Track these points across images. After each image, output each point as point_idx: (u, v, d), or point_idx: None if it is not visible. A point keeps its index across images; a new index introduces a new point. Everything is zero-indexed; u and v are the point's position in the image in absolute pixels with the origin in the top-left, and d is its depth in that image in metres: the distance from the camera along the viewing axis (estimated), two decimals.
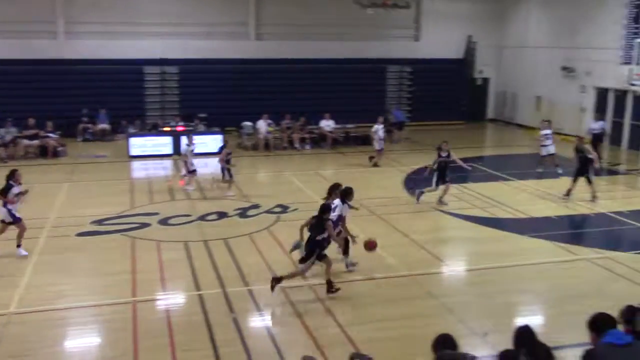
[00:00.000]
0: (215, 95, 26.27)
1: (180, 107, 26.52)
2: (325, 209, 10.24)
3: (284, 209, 15.16)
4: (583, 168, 15.79)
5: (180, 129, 22.57)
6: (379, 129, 20.65)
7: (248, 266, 11.27)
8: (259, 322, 9.32)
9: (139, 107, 26.27)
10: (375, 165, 20.41)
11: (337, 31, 28.18)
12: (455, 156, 15.83)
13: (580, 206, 15.55)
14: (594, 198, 15.73)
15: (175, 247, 12.36)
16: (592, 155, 15.98)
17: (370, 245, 10.77)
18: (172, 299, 10.10)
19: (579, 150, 16.05)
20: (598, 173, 16.87)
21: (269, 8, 27.91)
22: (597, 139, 20.92)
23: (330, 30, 28.02)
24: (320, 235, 9.97)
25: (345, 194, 11.01)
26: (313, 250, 9.92)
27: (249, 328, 9.14)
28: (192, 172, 17.21)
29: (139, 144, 22.01)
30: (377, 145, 20.55)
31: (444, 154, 15.47)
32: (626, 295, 8.36)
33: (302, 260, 10.10)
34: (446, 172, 15.46)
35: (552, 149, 19.08)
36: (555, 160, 19.14)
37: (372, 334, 8.70)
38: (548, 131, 19.14)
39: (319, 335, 8.63)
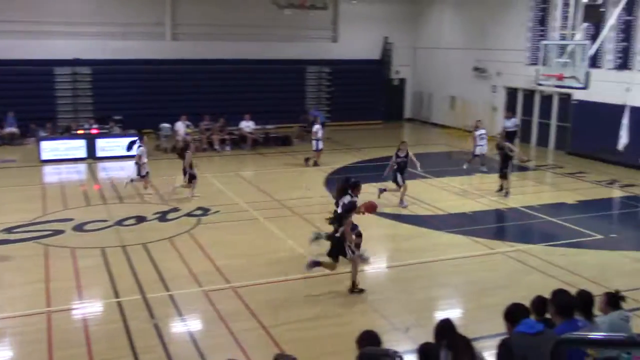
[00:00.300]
0: (130, 96, 25.56)
1: (94, 110, 25.64)
2: (352, 207, 10.31)
3: (205, 211, 14.94)
4: (504, 164, 16.50)
5: (94, 131, 21.87)
6: (318, 129, 20.69)
7: (169, 271, 11.03)
8: (181, 327, 9.13)
9: (50, 110, 25.19)
10: (315, 164, 20.48)
11: (256, 32, 28.05)
12: (413, 156, 15.99)
13: (494, 202, 16.12)
14: (506, 194, 16.36)
15: (91, 254, 11.94)
16: (513, 152, 16.77)
17: (370, 209, 10.84)
18: (89, 308, 9.74)
19: (500, 148, 16.77)
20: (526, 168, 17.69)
21: (185, 8, 27.44)
22: (510, 136, 21.73)
23: (248, 31, 27.85)
24: (340, 231, 10.15)
25: (354, 188, 11.02)
26: (339, 246, 10.11)
27: (171, 334, 8.95)
28: (144, 175, 16.53)
29: (50, 148, 21.11)
30: (314, 145, 20.60)
31: (402, 154, 15.61)
32: (539, 286, 8.71)
33: (330, 254, 10.20)
34: (404, 173, 15.59)
35: (485, 149, 19.66)
36: (483, 159, 19.74)
37: (295, 334, 8.70)
38: (483, 131, 19.70)
39: (243, 338, 8.55)
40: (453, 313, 9.52)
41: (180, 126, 22.95)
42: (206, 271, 11.00)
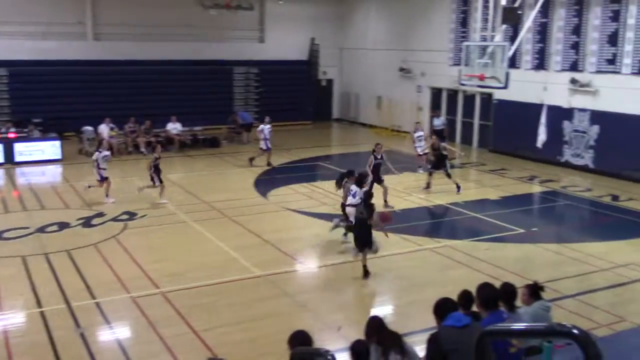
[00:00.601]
0: (51, 99, 24.64)
1: (11, 112, 24.57)
2: (370, 195, 11.32)
3: (132, 215, 14.59)
4: (439, 164, 17.01)
5: (12, 135, 20.97)
6: (264, 128, 20.58)
7: (94, 278, 10.71)
8: (109, 335, 8.88)
9: None
10: (269, 164, 20.44)
11: (181, 32, 27.61)
12: (387, 158, 16.12)
13: (421, 199, 16.47)
14: (458, 189, 16.82)
15: (11, 263, 11.45)
16: (447, 151, 17.37)
17: (384, 218, 11.64)
18: (10, 319, 9.32)
19: (435, 148, 17.27)
20: (452, 165, 18.26)
21: (107, 7, 26.66)
22: (438, 134, 22.22)
23: (173, 31, 27.39)
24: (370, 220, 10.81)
25: (361, 179, 12.24)
26: (368, 232, 10.84)
27: (99, 343, 8.69)
28: (104, 179, 15.98)
29: None
30: (262, 144, 20.48)
31: (378, 156, 15.69)
32: (465, 281, 8.94)
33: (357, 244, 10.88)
34: (380, 174, 15.59)
35: (424, 150, 19.87)
36: (421, 159, 20.02)
37: (227, 337, 8.62)
38: (421, 133, 19.96)
39: (174, 344, 8.40)
40: (384, 310, 9.69)
41: (104, 129, 22.31)
42: (134, 277, 10.75)
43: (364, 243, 10.82)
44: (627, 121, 18.55)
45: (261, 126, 20.76)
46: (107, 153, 16.40)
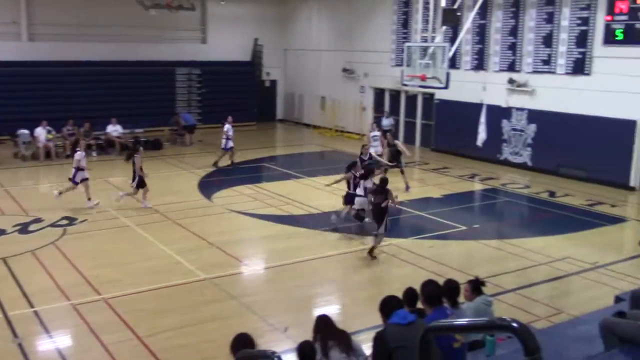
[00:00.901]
0: None
1: None
2: (386, 181, 12.24)
3: (71, 220, 14.19)
4: (394, 159, 17.37)
5: None
6: (229, 128, 20.59)
7: (32, 285, 10.36)
8: (48, 344, 8.60)
9: None
10: (233, 163, 20.59)
11: (121, 32, 27.05)
12: (376, 156, 16.56)
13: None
14: (407, 188, 17.05)
15: None
16: (401, 147, 17.70)
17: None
18: None
19: (390, 144, 17.73)
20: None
21: (42, 7, 25.88)
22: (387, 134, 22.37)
23: (113, 32, 26.81)
24: (385, 203, 11.68)
25: (367, 173, 13.49)
26: (383, 215, 11.67)
27: (38, 352, 8.41)
28: (82, 181, 15.49)
29: None
30: (224, 144, 20.50)
31: (365, 158, 15.95)
32: (410, 278, 9.07)
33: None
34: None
35: (379, 150, 19.81)
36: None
37: (172, 342, 8.48)
38: (376, 133, 19.99)
39: (117, 351, 8.21)
40: (330, 309, 9.70)
41: (41, 132, 21.64)
42: (74, 283, 10.46)
43: (380, 223, 11.83)
44: (562, 120, 19.19)
45: (226, 126, 20.74)
46: (83, 153, 15.82)
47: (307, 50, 30.48)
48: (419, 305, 6.01)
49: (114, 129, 23.17)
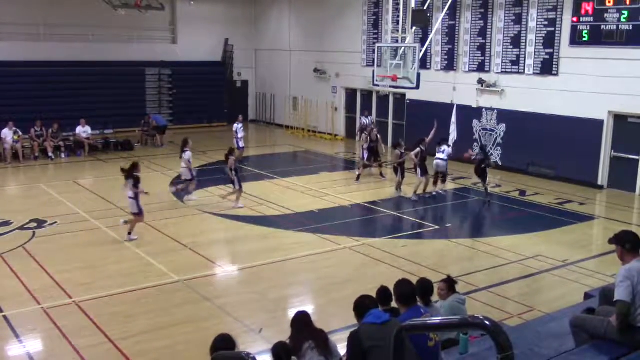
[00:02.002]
0: None
1: None
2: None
3: (41, 223, 13.97)
4: (375, 155, 18.67)
5: None
6: (238, 128, 21.13)
7: (1, 289, 10.18)
8: (18, 349, 8.44)
9: None
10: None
11: (89, 32, 26.74)
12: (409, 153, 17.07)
13: (338, 199, 16.64)
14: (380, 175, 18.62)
15: None
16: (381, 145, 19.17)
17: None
18: None
19: (373, 140, 18.81)
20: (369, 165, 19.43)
21: (8, 5, 25.36)
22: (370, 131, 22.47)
23: (80, 31, 26.47)
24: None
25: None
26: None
27: (7, 358, 8.26)
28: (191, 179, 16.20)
29: None
30: (237, 143, 20.91)
31: (423, 148, 16.88)
32: (384, 277, 9.12)
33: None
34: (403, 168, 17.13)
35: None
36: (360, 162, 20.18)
37: (145, 346, 8.40)
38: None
39: (90, 355, 8.11)
40: (305, 310, 9.69)
41: (7, 133, 21.27)
42: (45, 287, 10.30)
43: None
44: (531, 119, 19.48)
45: (235, 125, 21.36)
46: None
47: (279, 50, 30.45)
48: (393, 304, 6.05)
49: (83, 130, 22.87)
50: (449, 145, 17.40)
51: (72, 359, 8.06)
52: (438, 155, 17.14)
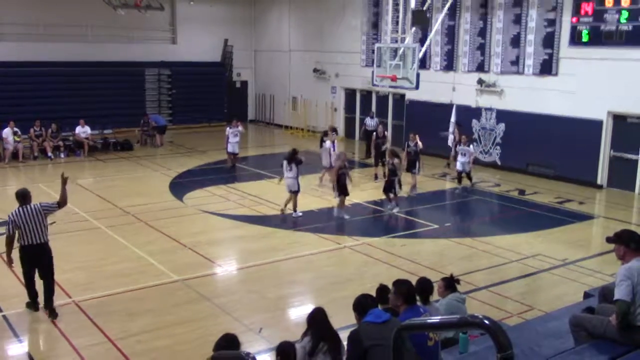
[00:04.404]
0: None
1: None
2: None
3: None
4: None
5: None
6: (230, 132, 20.71)
7: (1, 289, 10.18)
8: (18, 349, 8.42)
9: None
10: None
11: (89, 32, 26.76)
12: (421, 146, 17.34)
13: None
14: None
15: None
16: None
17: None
18: None
19: (379, 137, 18.99)
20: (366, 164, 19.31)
21: (8, 6, 25.33)
22: (369, 134, 22.31)
23: (81, 32, 26.49)
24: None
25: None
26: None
27: (7, 358, 8.25)
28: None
29: None
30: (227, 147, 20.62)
31: (412, 143, 16.91)
32: (384, 277, 9.13)
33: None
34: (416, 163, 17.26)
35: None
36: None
37: (145, 345, 8.40)
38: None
39: (89, 354, 8.11)
40: (305, 309, 9.69)
41: (8, 133, 21.28)
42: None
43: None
44: (530, 119, 19.49)
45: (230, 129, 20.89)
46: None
47: (278, 51, 30.45)
48: None
49: (83, 130, 22.86)
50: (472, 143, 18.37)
51: (72, 358, 8.06)
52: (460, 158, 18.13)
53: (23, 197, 9.17)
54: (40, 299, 9.29)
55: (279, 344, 5.53)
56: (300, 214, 14.82)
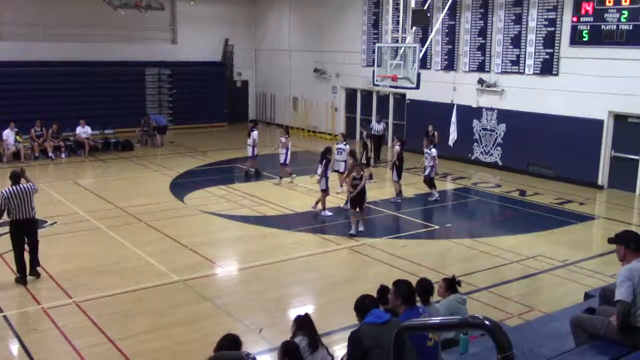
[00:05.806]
0: None
1: None
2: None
3: (41, 223, 13.89)
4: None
5: None
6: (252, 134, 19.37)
7: (1, 289, 10.19)
8: (18, 349, 8.44)
9: None
10: (257, 173, 19.37)
11: (89, 32, 26.70)
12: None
13: (339, 199, 16.62)
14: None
15: None
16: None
17: None
18: None
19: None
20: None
21: (9, 6, 25.36)
22: (379, 139, 22.38)
23: (81, 32, 26.44)
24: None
25: None
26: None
27: (6, 357, 8.26)
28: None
29: None
30: (251, 152, 19.26)
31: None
32: (384, 278, 9.09)
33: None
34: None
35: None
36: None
37: (145, 346, 8.40)
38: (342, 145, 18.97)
39: (89, 355, 8.11)
40: (305, 309, 9.70)
41: (9, 134, 21.29)
42: (45, 287, 10.31)
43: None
44: (531, 119, 19.47)
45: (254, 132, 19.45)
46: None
47: (279, 50, 30.44)
48: None
49: (83, 131, 22.86)
50: None
51: (72, 359, 8.07)
52: None
53: (16, 177, 10.42)
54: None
55: (284, 343, 5.53)
56: (330, 213, 14.99)
